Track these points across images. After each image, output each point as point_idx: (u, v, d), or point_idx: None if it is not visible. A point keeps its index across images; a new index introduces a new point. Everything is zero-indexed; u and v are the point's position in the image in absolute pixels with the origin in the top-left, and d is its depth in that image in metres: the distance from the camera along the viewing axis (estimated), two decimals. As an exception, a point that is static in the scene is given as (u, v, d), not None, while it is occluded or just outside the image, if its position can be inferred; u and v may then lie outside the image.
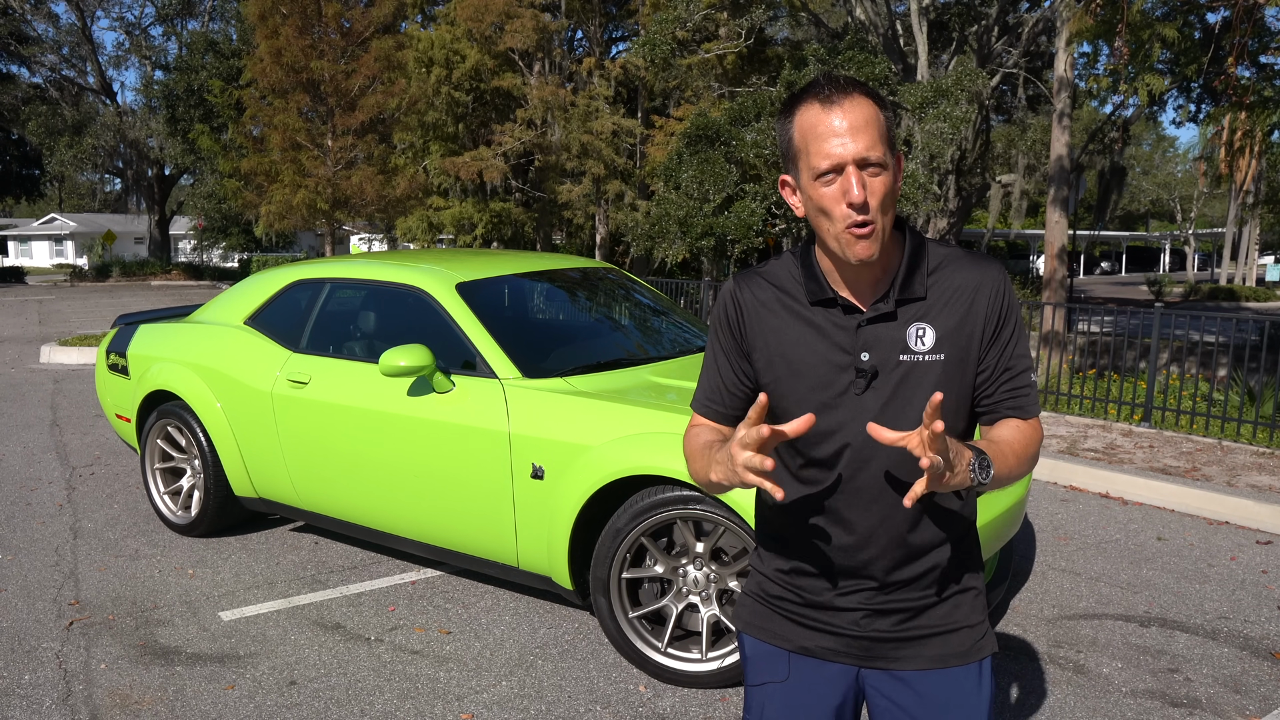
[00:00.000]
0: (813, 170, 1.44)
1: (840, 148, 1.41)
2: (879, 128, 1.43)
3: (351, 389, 4.24)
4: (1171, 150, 56.14)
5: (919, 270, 1.53)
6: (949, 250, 1.57)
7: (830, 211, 1.44)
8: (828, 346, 1.52)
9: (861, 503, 1.54)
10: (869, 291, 1.53)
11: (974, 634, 1.60)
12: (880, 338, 1.51)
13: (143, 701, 3.33)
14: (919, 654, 1.58)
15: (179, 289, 30.66)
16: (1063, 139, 15.33)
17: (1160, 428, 7.55)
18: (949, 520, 1.58)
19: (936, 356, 1.51)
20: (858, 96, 1.43)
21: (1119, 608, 4.20)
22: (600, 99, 21.35)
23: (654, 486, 3.44)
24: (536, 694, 3.39)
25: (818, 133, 1.43)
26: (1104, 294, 35.93)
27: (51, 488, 6.01)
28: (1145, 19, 9.73)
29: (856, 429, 1.51)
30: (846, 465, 1.53)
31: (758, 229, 12.36)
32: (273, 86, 15.07)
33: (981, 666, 1.60)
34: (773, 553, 1.65)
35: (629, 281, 5.07)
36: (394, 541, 4.30)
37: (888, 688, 1.60)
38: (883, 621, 1.58)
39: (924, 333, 1.51)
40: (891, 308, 1.51)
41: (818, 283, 1.54)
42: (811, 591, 1.60)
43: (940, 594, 1.58)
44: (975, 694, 1.59)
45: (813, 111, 1.44)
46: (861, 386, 1.50)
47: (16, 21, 35.70)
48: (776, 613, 1.65)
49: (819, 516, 1.57)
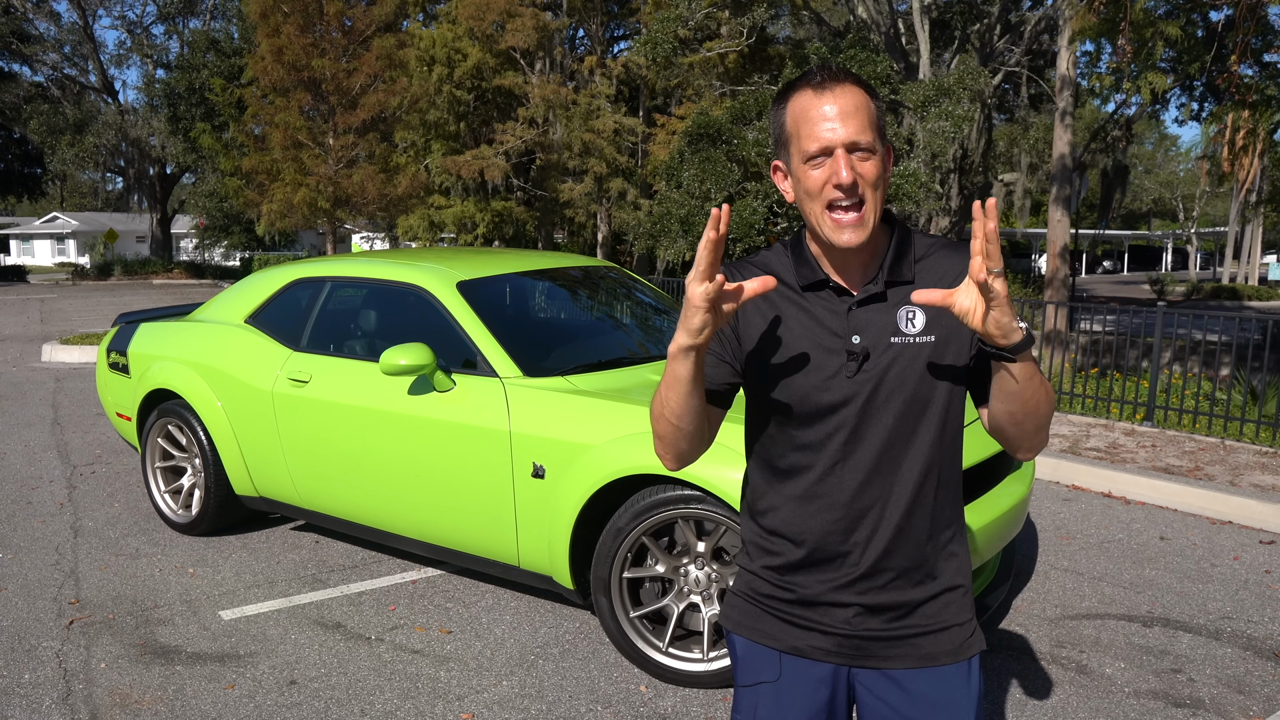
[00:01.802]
0: (803, 153, 1.47)
1: (830, 132, 1.45)
2: (869, 114, 1.47)
3: (352, 388, 4.23)
4: (1174, 149, 56.13)
5: (906, 256, 1.57)
6: (935, 239, 1.60)
7: (817, 194, 1.48)
8: (819, 330, 1.54)
9: (853, 485, 1.55)
10: (858, 276, 1.56)
11: (963, 632, 1.61)
12: (871, 321, 1.53)
13: (143, 701, 3.32)
14: (909, 653, 1.59)
15: (181, 288, 30.68)
16: (1065, 138, 15.31)
17: (1163, 427, 7.53)
18: (940, 514, 1.60)
19: (927, 338, 1.53)
20: (848, 84, 1.47)
21: (1122, 608, 4.19)
22: (602, 97, 21.35)
23: (655, 486, 3.43)
24: (537, 694, 3.38)
25: (809, 117, 1.47)
26: (1106, 293, 35.89)
27: (52, 486, 6.01)
28: (1148, 17, 9.71)
29: (849, 412, 1.54)
30: (838, 447, 1.55)
31: (760, 228, 12.35)
32: (274, 85, 15.08)
33: (970, 665, 1.61)
34: (761, 547, 1.65)
35: (630, 280, 5.06)
36: (395, 541, 4.29)
37: (878, 687, 1.61)
38: (874, 620, 1.59)
39: (914, 315, 1.54)
40: (881, 288, 1.53)
41: (809, 267, 1.57)
42: (802, 587, 1.61)
43: (931, 590, 1.59)
44: (964, 692, 1.60)
45: (805, 97, 1.48)
46: (853, 369, 1.52)
47: (18, 20, 35.72)
48: (766, 612, 1.65)
49: (810, 500, 1.58)
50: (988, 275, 1.30)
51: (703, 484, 3.26)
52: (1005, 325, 1.34)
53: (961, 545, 1.64)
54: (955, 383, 1.55)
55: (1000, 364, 1.41)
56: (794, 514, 1.59)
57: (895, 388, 1.52)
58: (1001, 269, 1.31)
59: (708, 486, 3.26)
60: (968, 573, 1.64)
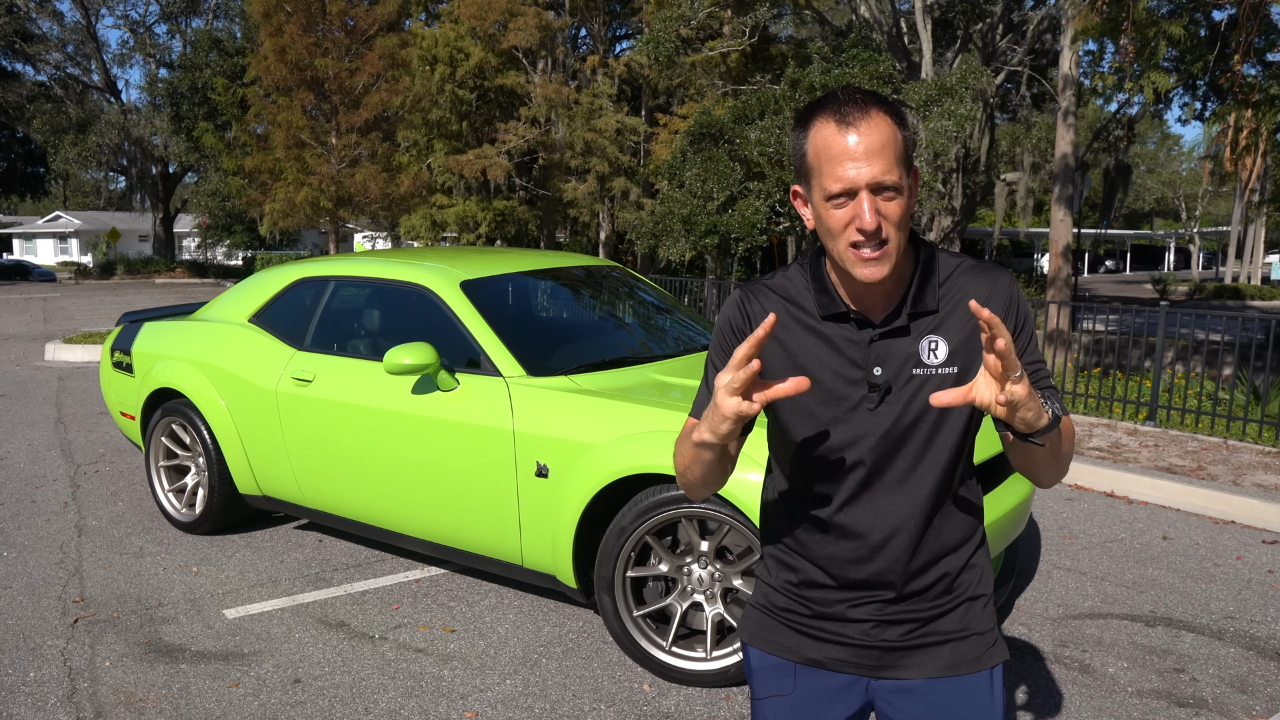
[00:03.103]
0: (824, 191, 1.39)
1: (854, 171, 1.36)
2: (896, 149, 1.37)
3: (356, 387, 4.24)
4: (1176, 148, 56.05)
5: (931, 282, 1.50)
6: (959, 260, 1.54)
7: (838, 234, 1.41)
8: (839, 361, 1.49)
9: (873, 516, 1.51)
10: (880, 305, 1.50)
11: (985, 641, 1.57)
12: (893, 352, 1.48)
13: (147, 699, 3.33)
14: (929, 662, 1.55)
15: (183, 287, 30.71)
16: (1067, 137, 15.30)
17: (1165, 426, 7.53)
18: (960, 528, 1.56)
19: (949, 370, 1.48)
20: (875, 115, 1.37)
21: (1124, 607, 4.19)
22: (604, 97, 21.35)
23: (658, 485, 3.43)
24: (541, 692, 3.39)
25: (831, 154, 1.37)
26: (1109, 292, 35.86)
27: (56, 485, 6.02)
28: (1151, 16, 9.71)
29: (869, 444, 1.49)
30: (858, 479, 1.51)
31: (761, 227, 12.35)
32: (277, 84, 15.09)
33: (993, 674, 1.57)
34: (780, 561, 1.62)
35: (633, 280, 5.06)
36: (398, 540, 4.29)
37: (897, 698, 1.57)
38: (892, 631, 1.55)
39: (936, 345, 1.48)
40: (905, 322, 1.48)
41: (829, 296, 1.50)
42: (821, 604, 1.58)
43: (951, 602, 1.56)
44: (987, 702, 1.56)
45: (828, 129, 1.38)
46: (874, 401, 1.48)
47: (21, 19, 35.76)
48: (783, 624, 1.62)
49: (830, 530, 1.54)
50: (1002, 392, 1.24)
51: (706, 483, 3.26)
52: (1030, 421, 1.29)
53: (983, 557, 1.60)
54: (976, 412, 1.51)
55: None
56: (811, 540, 1.56)
57: (916, 419, 1.48)
58: (1019, 373, 1.25)
59: (711, 486, 3.26)
60: (989, 583, 1.61)
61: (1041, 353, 1.55)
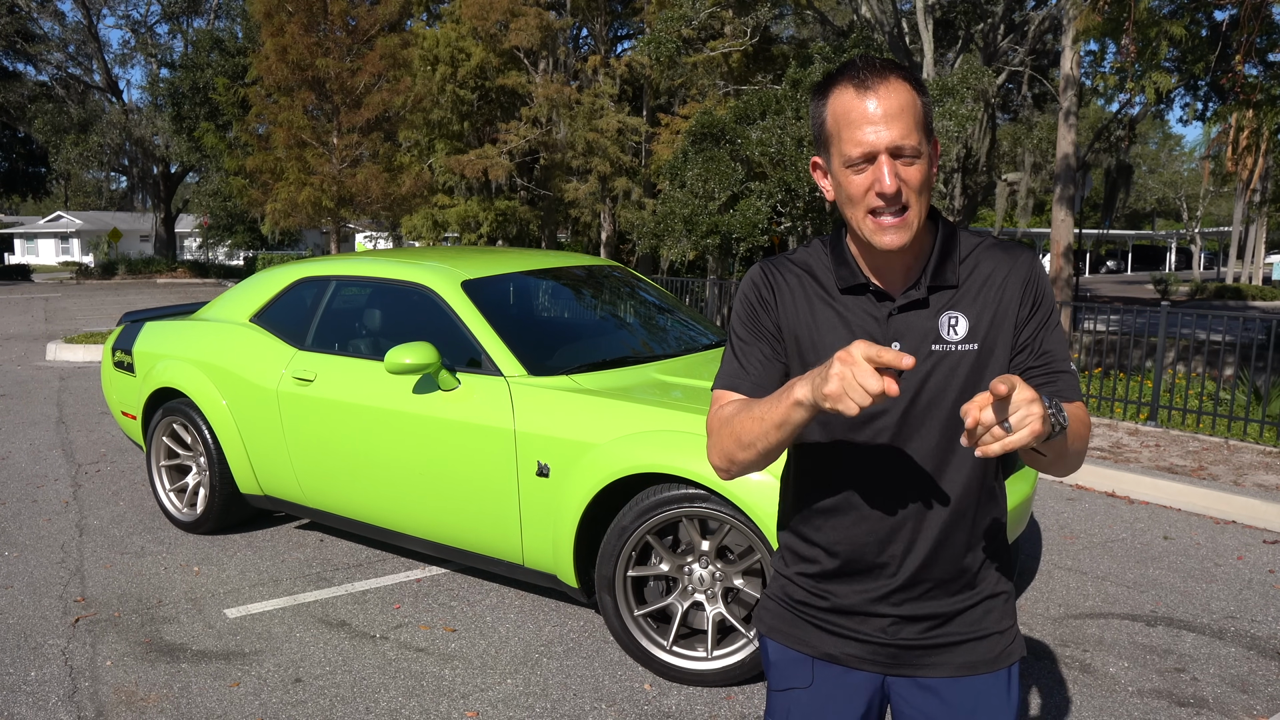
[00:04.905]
0: (844, 157, 1.39)
1: (874, 135, 1.36)
2: (915, 114, 1.37)
3: (357, 386, 4.24)
4: (1178, 148, 56.01)
5: (951, 257, 1.49)
6: (981, 238, 1.53)
7: (859, 200, 1.40)
8: (856, 336, 1.47)
9: (889, 496, 1.50)
10: (900, 279, 1.48)
11: (1003, 640, 1.56)
12: (912, 327, 1.46)
13: (148, 698, 3.33)
14: (947, 661, 1.54)
15: (185, 287, 30.72)
16: (1069, 137, 15.29)
17: (1166, 427, 7.52)
18: (979, 518, 1.54)
19: (969, 346, 1.46)
20: (894, 80, 1.37)
21: (1125, 607, 4.19)
22: (605, 97, 21.34)
23: (659, 485, 3.44)
24: (541, 692, 3.39)
25: (851, 119, 1.37)
26: (1110, 292, 35.84)
27: (57, 485, 6.02)
28: (1152, 16, 9.70)
29: (887, 421, 1.48)
30: (875, 458, 1.49)
31: (763, 227, 12.35)
32: (278, 84, 15.09)
33: (1010, 673, 1.56)
34: (796, 553, 1.61)
35: (634, 279, 5.06)
36: (399, 539, 4.30)
37: (914, 696, 1.56)
38: (910, 628, 1.54)
39: (956, 322, 1.46)
40: (923, 294, 1.46)
41: (849, 269, 1.49)
42: (838, 595, 1.56)
43: (972, 598, 1.54)
44: (1003, 702, 1.55)
45: (847, 95, 1.39)
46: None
47: (23, 19, 35.77)
48: (800, 618, 1.61)
49: (847, 511, 1.53)
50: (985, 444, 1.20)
51: (706, 483, 3.27)
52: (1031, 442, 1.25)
53: (1003, 553, 1.59)
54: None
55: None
56: (828, 524, 1.55)
57: (935, 397, 1.46)
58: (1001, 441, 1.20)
59: (711, 485, 3.26)
60: (1010, 581, 1.59)
61: (1063, 337, 1.51)
